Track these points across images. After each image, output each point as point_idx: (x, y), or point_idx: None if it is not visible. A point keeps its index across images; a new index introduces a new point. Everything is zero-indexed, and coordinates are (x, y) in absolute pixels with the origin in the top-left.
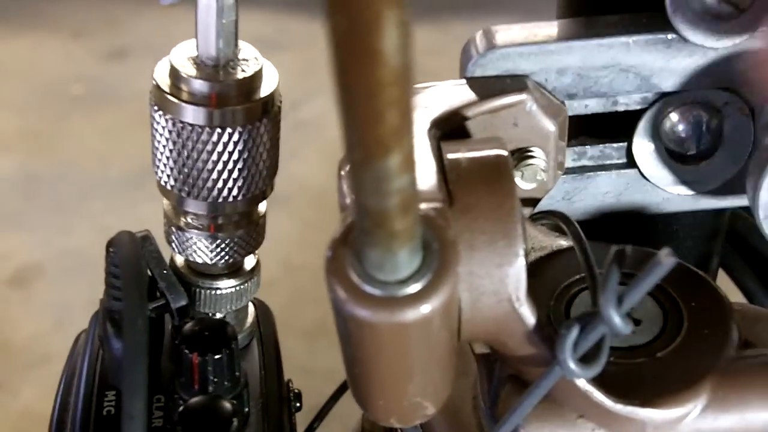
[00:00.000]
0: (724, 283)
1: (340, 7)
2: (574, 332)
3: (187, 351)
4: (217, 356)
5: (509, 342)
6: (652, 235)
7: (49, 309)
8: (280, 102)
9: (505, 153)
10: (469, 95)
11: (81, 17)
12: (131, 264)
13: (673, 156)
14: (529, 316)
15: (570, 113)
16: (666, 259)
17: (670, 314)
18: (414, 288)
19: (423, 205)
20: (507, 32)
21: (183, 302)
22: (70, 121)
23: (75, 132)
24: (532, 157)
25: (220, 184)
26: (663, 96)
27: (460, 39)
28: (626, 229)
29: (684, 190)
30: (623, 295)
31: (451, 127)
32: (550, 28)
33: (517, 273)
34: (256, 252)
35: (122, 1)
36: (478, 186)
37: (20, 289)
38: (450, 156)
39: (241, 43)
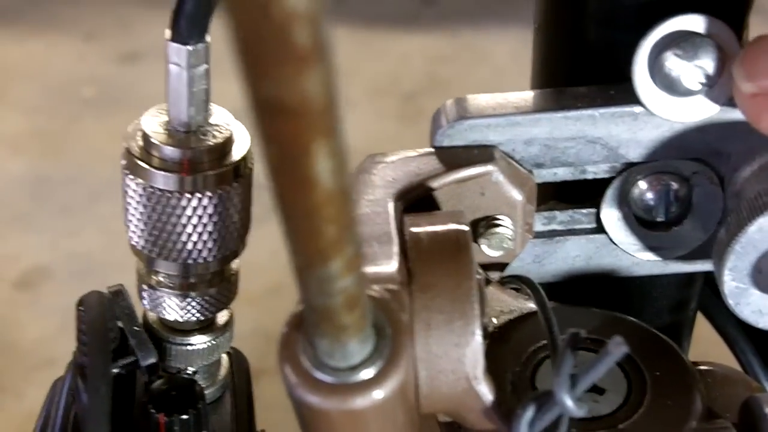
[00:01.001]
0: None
1: (271, 139)
2: (530, 412)
3: (153, 411)
4: (183, 416)
5: (468, 417)
6: (628, 295)
7: (56, 312)
8: (252, 164)
9: (465, 229)
10: (437, 165)
11: (93, 20)
12: (97, 329)
13: (642, 223)
14: (487, 394)
15: (539, 180)
16: (616, 349)
17: (634, 383)
18: (366, 374)
19: (378, 288)
20: (476, 102)
21: (152, 360)
22: (81, 123)
23: (86, 135)
24: (498, 225)
25: (190, 246)
26: (631, 165)
27: (470, 46)
28: (601, 289)
29: (653, 256)
30: (577, 377)
31: (417, 198)
32: (519, 99)
33: (474, 352)
34: (230, 306)
35: (134, 4)
36: (437, 265)
37: (27, 291)
38: (411, 232)
39: (214, 107)
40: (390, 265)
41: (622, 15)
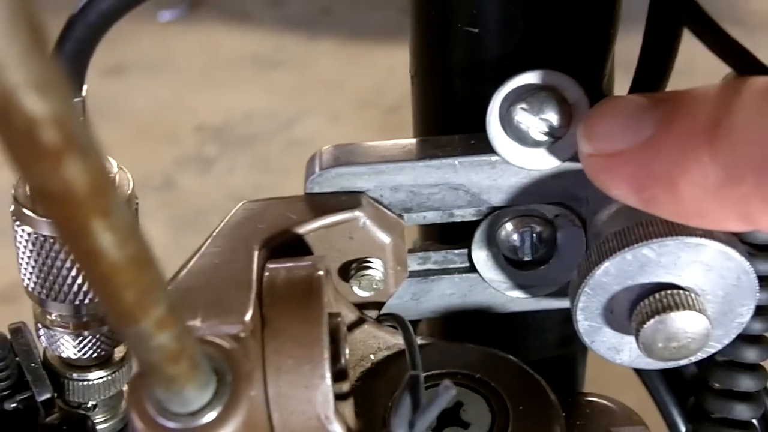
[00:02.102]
0: None
1: (52, 218)
2: None
3: None
4: None
5: None
6: (512, 329)
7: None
8: (137, 204)
9: (320, 274)
10: (306, 211)
11: None
12: None
13: (511, 262)
14: None
15: (410, 223)
16: (445, 392)
17: (497, 417)
18: (207, 419)
19: (221, 336)
20: (347, 151)
21: (47, 395)
22: None
23: None
24: (369, 267)
25: (77, 288)
26: (496, 209)
27: None
28: (486, 324)
29: (523, 294)
30: (415, 420)
31: (286, 243)
32: (388, 147)
33: (323, 394)
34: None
35: None
36: (289, 311)
37: (9, 305)
38: (266, 278)
39: None
40: (244, 313)
41: (482, 68)
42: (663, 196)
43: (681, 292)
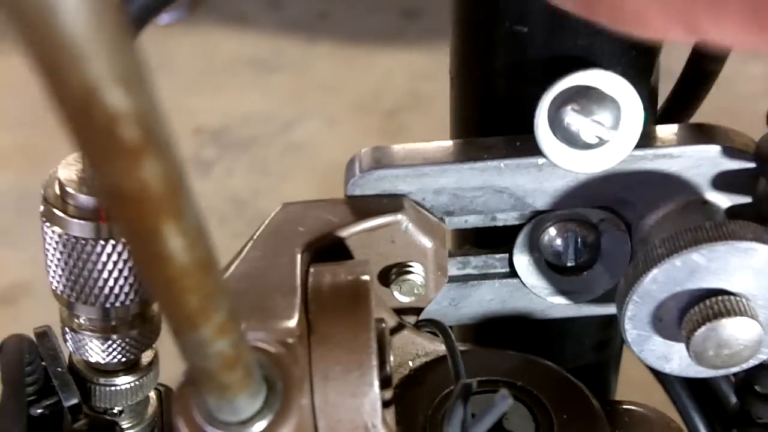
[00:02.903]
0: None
1: (121, 221)
2: None
3: None
4: None
5: None
6: (548, 336)
7: None
8: None
9: (365, 279)
10: (347, 214)
11: None
12: (12, 373)
13: (553, 267)
14: None
15: (451, 227)
16: (501, 402)
17: (541, 426)
18: (257, 428)
19: (271, 342)
20: (388, 153)
21: (74, 400)
22: (64, 138)
23: (70, 150)
24: (410, 272)
25: (107, 291)
26: (539, 213)
27: None
28: (523, 330)
29: (565, 300)
30: (469, 429)
31: (327, 247)
32: (430, 149)
33: (371, 402)
34: (154, 345)
35: None
36: (336, 316)
37: (8, 306)
38: (312, 283)
39: None
40: (290, 318)
41: (528, 69)
42: (603, 2)
43: (732, 297)
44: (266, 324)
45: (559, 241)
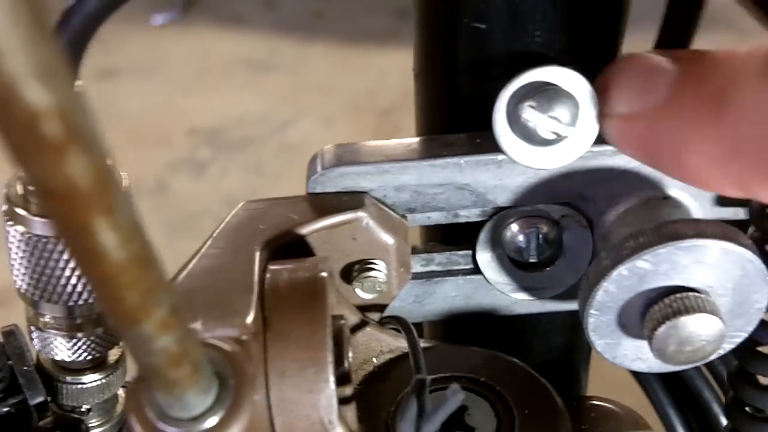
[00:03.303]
0: None
1: (52, 217)
2: None
3: None
4: None
5: None
6: (516, 332)
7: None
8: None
9: (323, 275)
10: (308, 212)
11: None
12: None
13: (516, 263)
14: None
15: (414, 224)
16: (453, 396)
17: (503, 421)
18: (208, 424)
19: (224, 339)
20: (350, 149)
21: (40, 398)
22: None
23: None
24: (372, 269)
25: (70, 289)
26: (501, 209)
27: None
28: (491, 326)
29: (528, 296)
30: (421, 425)
31: (287, 244)
32: (392, 146)
33: (327, 398)
34: (121, 343)
35: (112, 21)
36: (292, 313)
37: (1, 309)
38: (269, 280)
39: None
40: (246, 315)
41: (488, 66)
42: (669, 160)
43: (690, 294)
44: (222, 321)
45: (521, 237)
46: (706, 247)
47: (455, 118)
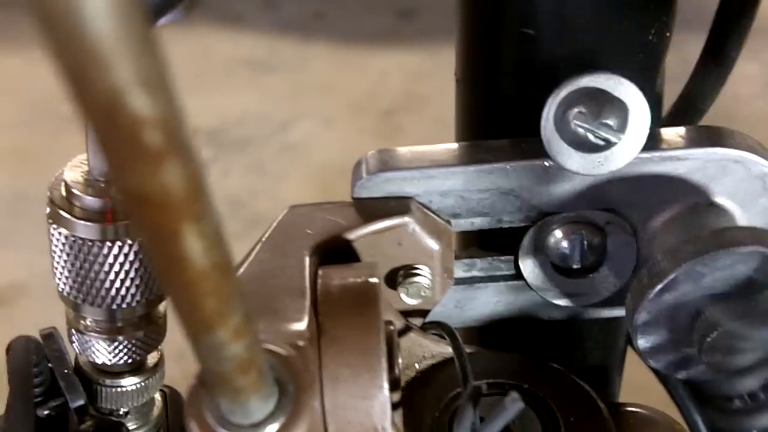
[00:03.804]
0: None
1: (141, 225)
2: None
3: None
4: None
5: None
6: (553, 337)
7: (32, 329)
8: None
9: (374, 281)
10: (355, 217)
11: None
12: (20, 374)
13: (559, 270)
14: None
15: (457, 229)
16: (512, 405)
17: (548, 429)
18: (269, 430)
19: (282, 345)
20: (395, 155)
21: (81, 401)
22: (60, 140)
23: (65, 151)
24: (417, 274)
25: (114, 292)
26: (545, 215)
27: (448, 63)
28: (528, 332)
29: (570, 302)
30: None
31: (335, 249)
32: (436, 151)
33: (381, 405)
34: (160, 347)
35: None
36: (346, 319)
37: (3, 307)
38: (321, 285)
39: None
40: (300, 320)
41: (535, 71)
42: None
43: (742, 303)
44: (276, 326)
45: (565, 244)
46: (765, 254)
47: (499, 123)
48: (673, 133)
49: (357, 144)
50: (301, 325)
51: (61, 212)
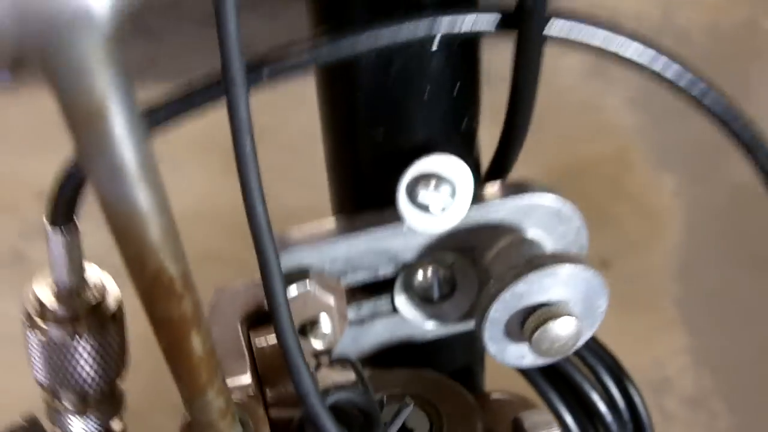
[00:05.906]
0: None
1: (163, 334)
2: None
3: None
4: None
5: None
6: (428, 351)
7: None
8: (122, 305)
9: None
10: None
11: None
12: None
13: (424, 301)
14: None
15: (346, 283)
16: (404, 408)
17: (434, 422)
18: None
19: (239, 395)
20: (290, 236)
21: None
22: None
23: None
24: (320, 323)
25: (82, 380)
26: (409, 262)
27: (289, 93)
28: (410, 350)
29: (436, 324)
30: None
31: (259, 315)
32: (323, 228)
33: None
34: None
35: None
36: (281, 368)
37: None
38: (256, 347)
39: (88, 267)
40: (245, 376)
41: (389, 158)
42: None
43: (552, 306)
44: (230, 382)
45: (426, 281)
46: (562, 270)
47: (367, 198)
48: (490, 189)
49: (206, 184)
50: (247, 379)
51: (36, 319)
